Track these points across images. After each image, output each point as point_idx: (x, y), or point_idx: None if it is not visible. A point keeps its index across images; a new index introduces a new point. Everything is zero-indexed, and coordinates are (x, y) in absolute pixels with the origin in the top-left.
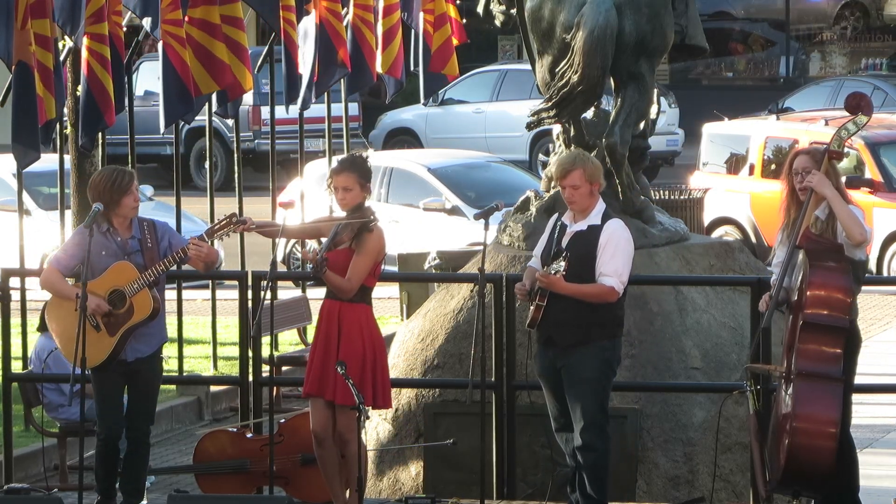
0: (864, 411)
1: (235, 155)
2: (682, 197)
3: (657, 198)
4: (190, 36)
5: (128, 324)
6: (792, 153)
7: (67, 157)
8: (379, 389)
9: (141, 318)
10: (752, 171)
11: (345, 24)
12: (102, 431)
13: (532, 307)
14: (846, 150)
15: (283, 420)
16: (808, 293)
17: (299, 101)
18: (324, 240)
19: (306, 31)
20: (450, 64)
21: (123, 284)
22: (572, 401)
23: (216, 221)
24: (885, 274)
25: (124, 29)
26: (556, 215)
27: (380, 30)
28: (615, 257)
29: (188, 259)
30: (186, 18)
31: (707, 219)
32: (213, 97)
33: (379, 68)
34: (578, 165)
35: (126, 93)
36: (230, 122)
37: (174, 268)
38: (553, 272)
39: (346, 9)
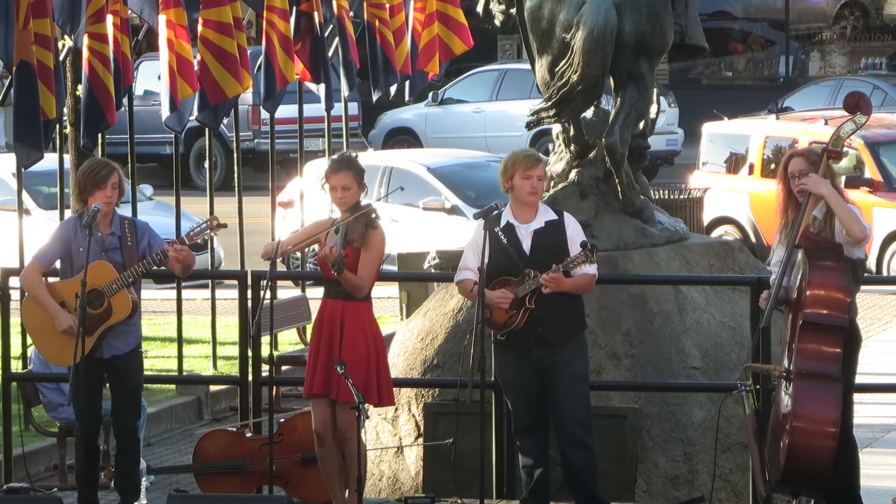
0: (864, 411)
1: (235, 154)
2: (681, 196)
3: (657, 197)
4: (207, 39)
5: (106, 324)
6: (786, 155)
7: (67, 157)
8: (384, 387)
9: (119, 319)
10: (751, 171)
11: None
12: (80, 429)
13: (518, 313)
14: (845, 149)
15: (282, 420)
16: (807, 292)
17: (323, 100)
18: (331, 241)
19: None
20: (432, 62)
21: (102, 284)
22: (562, 398)
23: (195, 225)
24: (885, 274)
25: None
26: (481, 223)
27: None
28: None
29: (167, 261)
30: (201, 21)
31: (707, 218)
32: (195, 102)
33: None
34: (540, 161)
35: (123, 91)
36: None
37: (153, 268)
38: (573, 266)
39: (353, 11)
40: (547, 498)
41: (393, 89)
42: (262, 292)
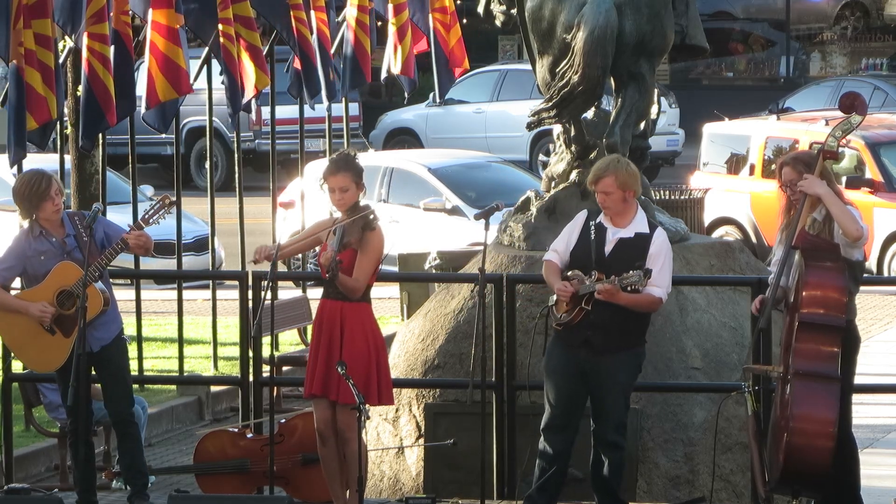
0: (864, 411)
1: (236, 155)
2: (682, 197)
3: (657, 198)
4: (228, 35)
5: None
6: (779, 161)
7: (67, 157)
8: (383, 387)
9: (94, 314)
10: (752, 171)
11: (340, 20)
12: (72, 425)
13: (574, 309)
14: (842, 149)
15: (283, 420)
16: (803, 293)
17: (322, 94)
18: (330, 243)
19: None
20: (464, 60)
21: (70, 284)
22: (601, 401)
23: (150, 207)
24: (885, 274)
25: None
26: (584, 213)
27: (391, 30)
28: (664, 269)
29: (129, 248)
30: (220, 20)
31: (707, 219)
32: (227, 103)
33: (393, 69)
34: (611, 172)
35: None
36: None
37: (117, 257)
38: (626, 284)
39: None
40: (554, 498)
41: (407, 91)
42: (262, 293)
